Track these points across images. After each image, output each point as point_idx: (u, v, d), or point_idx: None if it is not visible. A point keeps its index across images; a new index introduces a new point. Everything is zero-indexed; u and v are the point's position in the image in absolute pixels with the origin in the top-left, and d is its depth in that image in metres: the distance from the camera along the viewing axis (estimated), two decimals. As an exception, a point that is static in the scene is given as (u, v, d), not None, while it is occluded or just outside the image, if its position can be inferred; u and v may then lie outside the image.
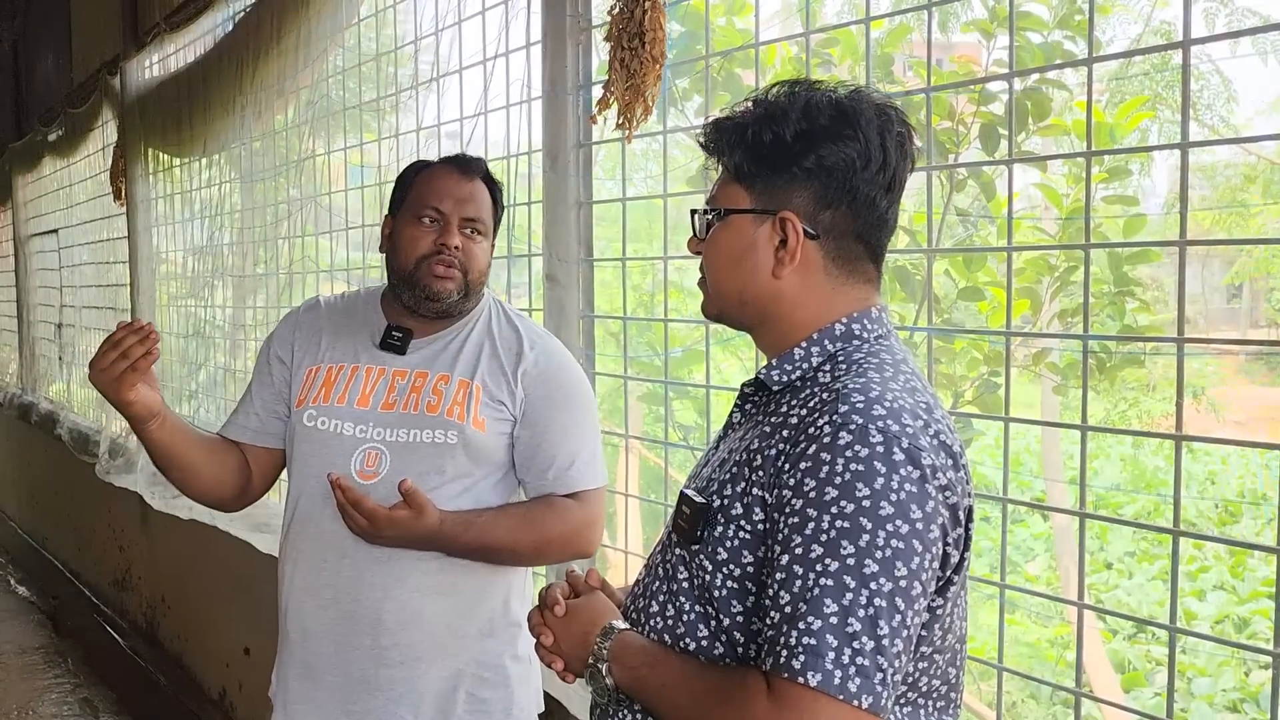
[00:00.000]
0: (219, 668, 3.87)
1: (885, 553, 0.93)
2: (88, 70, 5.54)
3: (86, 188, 5.80)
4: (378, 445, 1.69)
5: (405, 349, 1.72)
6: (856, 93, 1.09)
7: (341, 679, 1.70)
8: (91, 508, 5.39)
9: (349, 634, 1.69)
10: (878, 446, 0.96)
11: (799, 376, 1.10)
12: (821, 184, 1.07)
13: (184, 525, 3.94)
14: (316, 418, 1.71)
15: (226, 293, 4.33)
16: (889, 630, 0.92)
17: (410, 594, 1.67)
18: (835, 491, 0.96)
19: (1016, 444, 8.16)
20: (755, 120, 1.09)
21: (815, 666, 0.91)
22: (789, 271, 1.09)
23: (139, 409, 1.64)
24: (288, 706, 1.75)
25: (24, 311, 7.06)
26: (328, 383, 1.73)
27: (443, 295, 1.68)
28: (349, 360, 1.74)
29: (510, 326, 1.75)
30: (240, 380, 4.03)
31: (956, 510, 1.00)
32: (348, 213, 3.44)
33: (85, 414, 5.75)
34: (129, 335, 1.57)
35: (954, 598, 1.05)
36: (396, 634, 1.68)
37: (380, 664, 1.68)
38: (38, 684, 4.28)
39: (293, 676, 1.75)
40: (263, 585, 3.40)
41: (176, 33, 4.22)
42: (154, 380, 1.67)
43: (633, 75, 1.79)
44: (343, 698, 1.70)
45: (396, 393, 1.70)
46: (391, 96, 3.04)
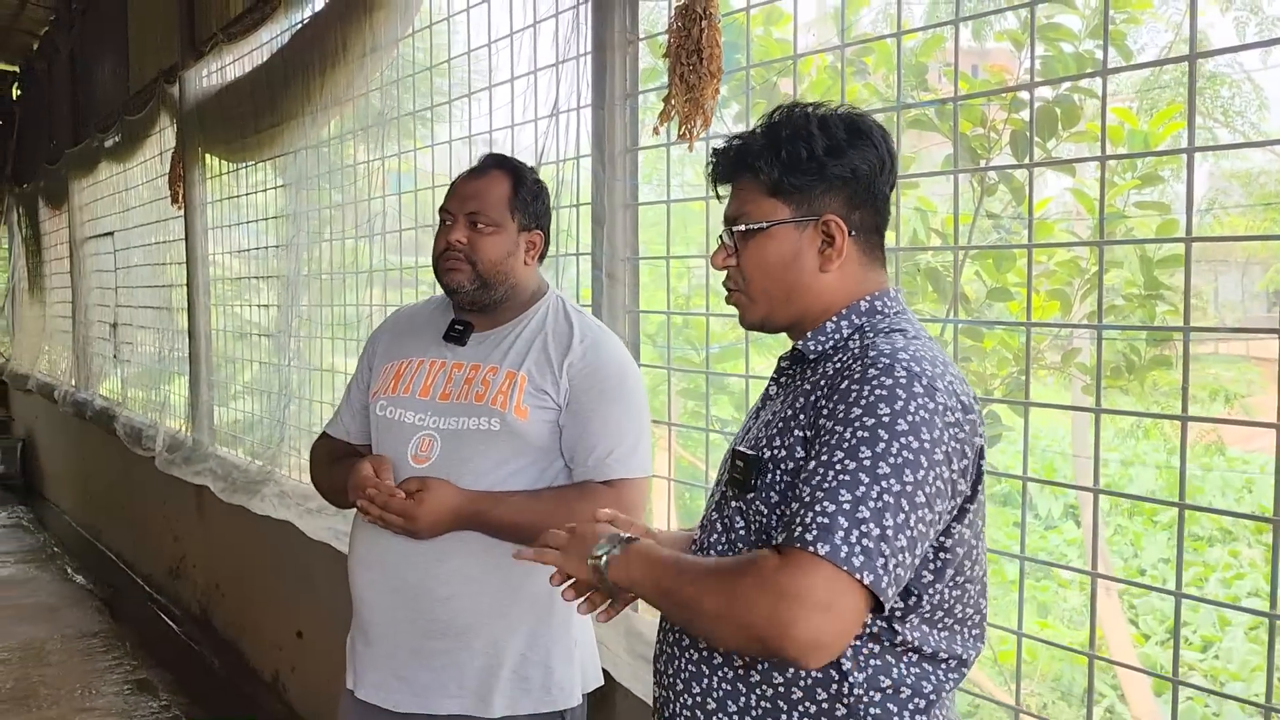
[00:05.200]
0: (272, 652, 4.02)
1: (897, 460, 1.08)
2: (145, 79, 5.74)
3: (142, 192, 6.00)
4: (431, 432, 1.82)
5: (465, 341, 1.85)
6: (852, 111, 1.26)
7: (392, 647, 1.84)
8: (146, 500, 5.58)
9: (396, 606, 1.83)
10: (901, 378, 1.12)
11: (831, 346, 1.25)
12: (851, 189, 1.23)
13: (239, 514, 4.10)
14: (386, 407, 1.87)
15: (271, 294, 4.50)
16: (894, 524, 1.06)
17: (453, 572, 1.79)
18: (860, 410, 1.11)
19: (1050, 450, 8.16)
20: (786, 139, 1.23)
21: (825, 540, 1.05)
22: (835, 266, 1.24)
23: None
24: (355, 665, 1.91)
25: (79, 311, 7.29)
26: (397, 375, 1.88)
27: (455, 288, 1.83)
28: (417, 355, 1.89)
29: (566, 321, 1.86)
30: (281, 378, 4.20)
31: (963, 445, 1.14)
32: (384, 218, 3.59)
33: (139, 410, 5.95)
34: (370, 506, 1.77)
35: (976, 531, 1.19)
36: (438, 609, 1.80)
37: (426, 636, 1.81)
38: (98, 665, 4.46)
39: (358, 639, 1.91)
40: (315, 570, 3.56)
41: (234, 43, 4.40)
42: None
43: (691, 89, 1.90)
44: (394, 664, 1.84)
45: (453, 384, 1.83)
46: (441, 106, 3.17)
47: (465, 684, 1.80)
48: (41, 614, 5.24)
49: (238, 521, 4.21)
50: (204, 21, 4.79)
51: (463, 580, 1.79)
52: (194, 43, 4.85)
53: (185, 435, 5.07)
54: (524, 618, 1.81)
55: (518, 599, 1.81)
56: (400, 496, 1.74)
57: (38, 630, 4.97)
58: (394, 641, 1.83)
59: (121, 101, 6.16)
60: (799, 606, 1.03)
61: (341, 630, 3.41)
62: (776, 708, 1.18)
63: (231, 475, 4.34)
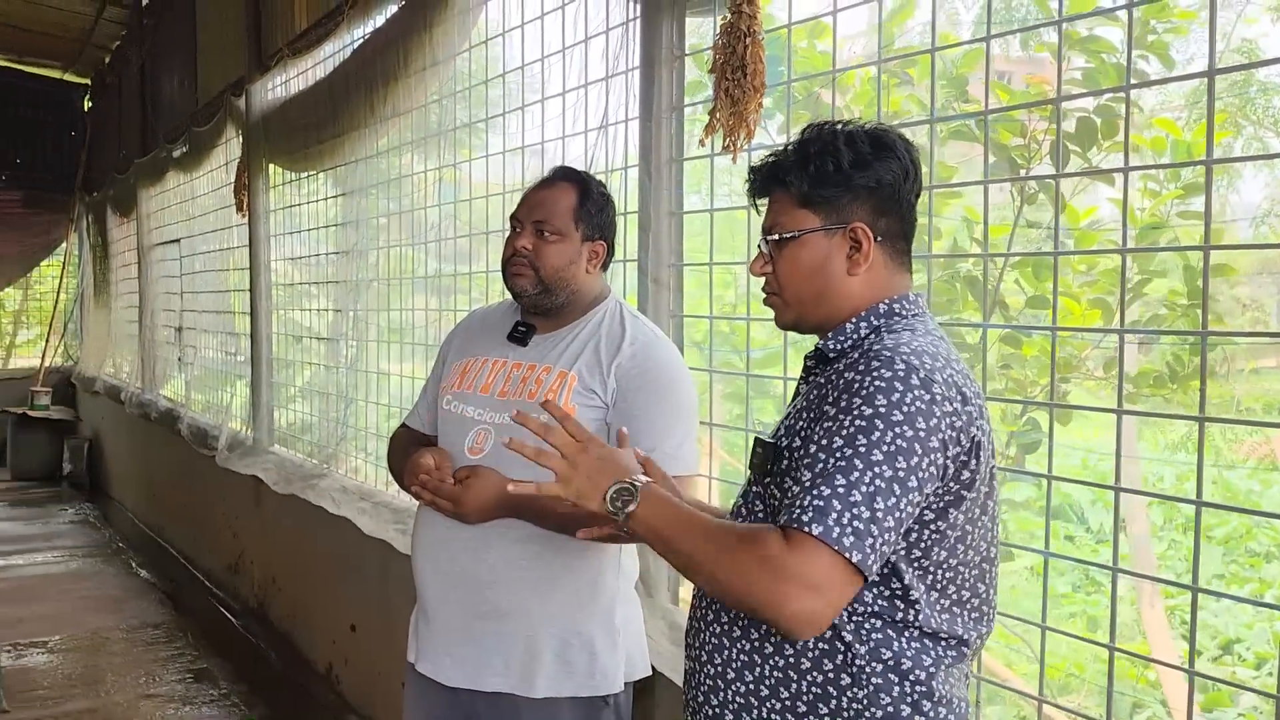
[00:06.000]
0: (326, 644, 4.16)
1: (890, 448, 1.17)
2: (212, 91, 5.96)
3: (207, 200, 6.21)
4: (487, 426, 1.93)
5: (526, 341, 1.97)
6: (878, 126, 1.35)
7: (445, 626, 1.95)
8: (207, 498, 5.77)
9: (448, 588, 1.94)
10: (899, 371, 1.20)
11: (850, 345, 1.33)
12: (876, 198, 1.32)
13: (295, 511, 4.25)
14: (451, 402, 2.00)
15: (328, 300, 4.65)
16: (884, 507, 1.15)
17: (499, 558, 1.89)
18: (859, 400, 1.20)
19: (1100, 465, 8.08)
20: (815, 153, 1.33)
21: (820, 522, 1.14)
22: (863, 270, 1.34)
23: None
24: (417, 640, 2.03)
25: (145, 316, 7.55)
26: (464, 372, 2.01)
27: (519, 292, 1.95)
28: (483, 354, 2.01)
29: (620, 325, 1.95)
30: (337, 380, 4.35)
31: (959, 433, 1.22)
32: (438, 226, 3.71)
33: (202, 412, 6.16)
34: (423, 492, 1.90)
35: (973, 518, 1.27)
36: (485, 591, 1.90)
37: (474, 617, 1.92)
38: (160, 655, 4.63)
39: (419, 617, 2.03)
40: (368, 566, 3.69)
41: (298, 58, 4.57)
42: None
43: (736, 103, 1.99)
44: (447, 642, 1.95)
45: (510, 382, 1.94)
46: (495, 118, 3.29)
47: (510, 664, 1.89)
48: (108, 605, 5.45)
49: (294, 518, 4.36)
50: (270, 36, 4.98)
51: (507, 565, 1.89)
52: (260, 57, 5.03)
53: (246, 434, 5.26)
54: (566, 604, 1.90)
55: (560, 585, 1.89)
56: (450, 483, 1.84)
57: (104, 620, 5.17)
58: (447, 621, 1.94)
59: (189, 113, 6.40)
60: (793, 585, 1.13)
61: (392, 625, 3.55)
62: (788, 676, 1.29)
63: (287, 470, 4.50)
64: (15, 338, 10.76)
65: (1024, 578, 4.83)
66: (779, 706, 1.29)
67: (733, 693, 1.33)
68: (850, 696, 1.26)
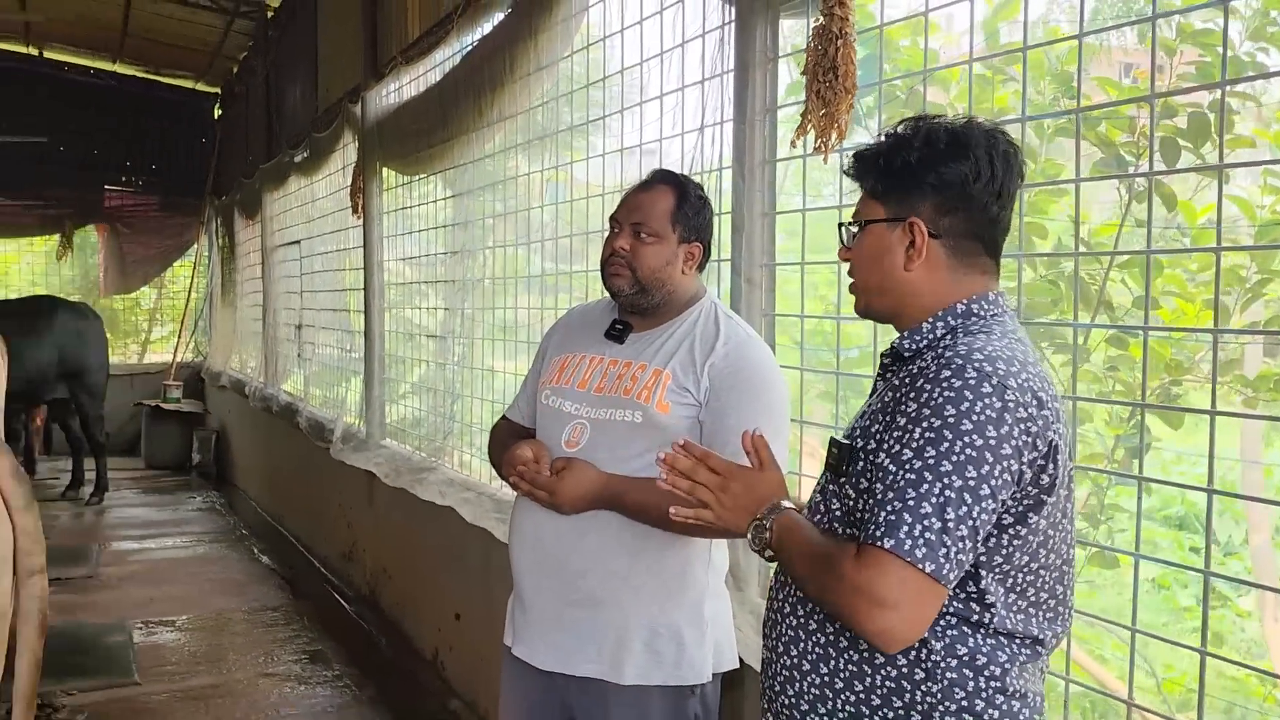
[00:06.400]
0: (432, 631, 4.31)
1: (960, 458, 1.18)
2: (331, 99, 6.21)
3: (325, 203, 6.48)
4: (583, 420, 1.99)
5: (623, 339, 2.03)
6: (969, 122, 1.35)
7: (539, 612, 2.02)
8: (324, 489, 6.02)
9: (543, 575, 2.01)
10: (970, 379, 1.21)
11: (925, 345, 1.34)
12: (941, 195, 1.33)
13: (405, 503, 4.41)
14: (550, 396, 2.07)
15: (438, 299, 4.81)
16: (955, 517, 1.17)
17: (591, 547, 1.95)
18: (929, 410, 1.21)
19: (1228, 474, 7.72)
20: (886, 149, 1.36)
21: (892, 535, 1.17)
22: (917, 265, 1.35)
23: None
24: (513, 625, 2.11)
25: (268, 314, 7.91)
26: (562, 368, 2.08)
27: (616, 291, 2.02)
28: (581, 350, 2.08)
29: (714, 325, 1.99)
30: (446, 377, 4.50)
31: (1035, 438, 1.22)
32: (544, 227, 3.81)
33: (319, 406, 6.43)
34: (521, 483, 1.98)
35: (1054, 522, 1.27)
36: (578, 580, 1.96)
37: (567, 604, 1.98)
38: (278, 636, 4.87)
39: (515, 602, 2.11)
40: (472, 556, 3.81)
41: (410, 65, 4.74)
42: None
43: (827, 104, 2.01)
44: (541, 627, 2.02)
45: (606, 378, 2.00)
46: (597, 120, 3.36)
47: (601, 651, 1.95)
48: (231, 588, 5.74)
49: (403, 510, 4.53)
50: (385, 46, 5.18)
51: (599, 555, 1.95)
52: (375, 65, 5.24)
53: (359, 428, 5.47)
54: (655, 595, 1.95)
55: (649, 577, 1.95)
56: (547, 474, 1.91)
57: (228, 602, 5.45)
58: (541, 607, 2.02)
59: (310, 120, 6.68)
60: (866, 602, 1.17)
61: (494, 613, 3.64)
62: (862, 670, 1.31)
63: (396, 463, 4.67)
64: (150, 334, 11.37)
65: (1145, 589, 4.68)
66: (853, 699, 1.31)
67: (808, 684, 1.36)
68: (925, 690, 1.27)
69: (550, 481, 1.92)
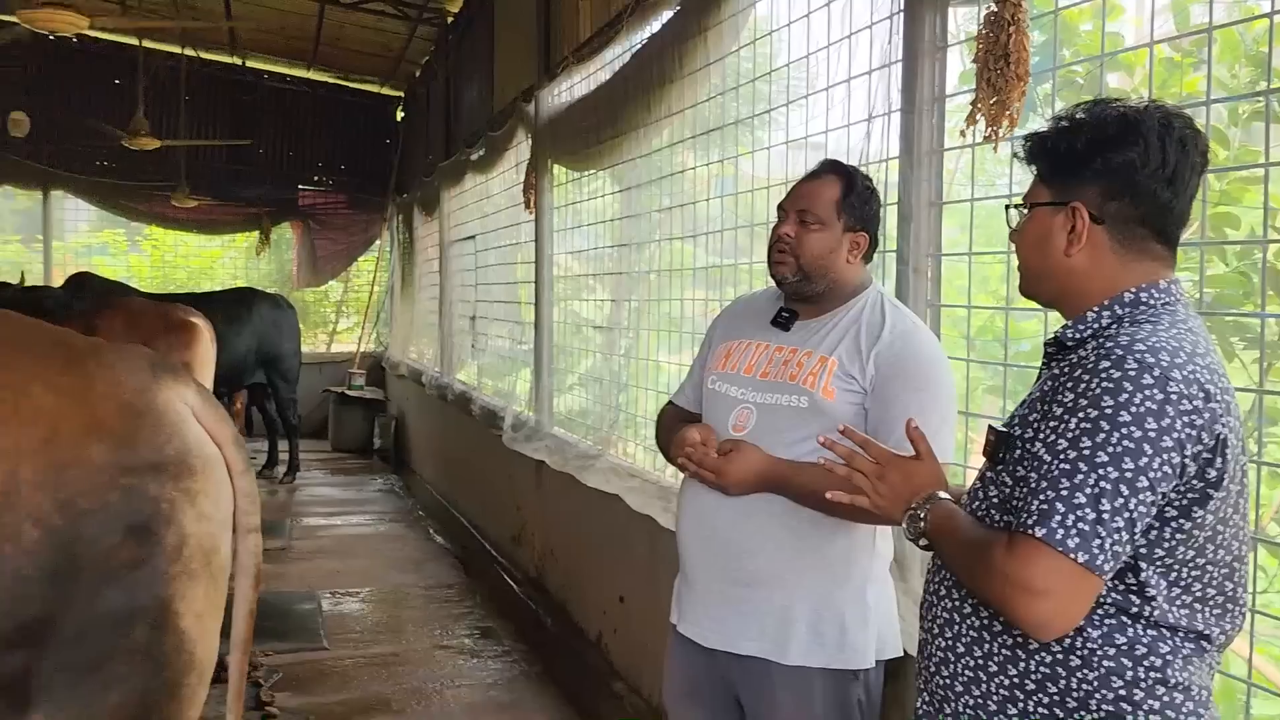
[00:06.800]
0: (597, 614, 4.44)
1: (1116, 449, 1.16)
2: (505, 99, 6.46)
3: (499, 199, 6.75)
4: (749, 405, 2.04)
5: (789, 327, 2.07)
6: (1145, 106, 1.31)
7: (704, 590, 2.08)
8: (495, 474, 6.27)
9: (708, 555, 2.07)
10: (1129, 371, 1.19)
11: (1090, 334, 1.33)
12: (1107, 181, 1.31)
13: (572, 489, 4.56)
14: (716, 382, 2.13)
15: (605, 292, 4.93)
16: (1110, 509, 1.16)
17: (757, 529, 1.99)
18: (1085, 401, 1.20)
19: None
20: (1055, 133, 1.35)
21: (1044, 525, 1.17)
22: (1078, 251, 1.33)
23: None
24: (679, 603, 2.17)
25: (444, 306, 8.29)
26: (728, 354, 2.14)
27: (780, 278, 2.05)
28: (747, 337, 2.13)
29: (880, 313, 2.01)
30: (613, 368, 4.61)
31: (1201, 432, 1.19)
32: (709, 220, 3.86)
33: (491, 394, 6.70)
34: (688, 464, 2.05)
35: (1223, 517, 1.24)
36: (743, 560, 2.01)
37: (731, 583, 2.03)
38: (452, 612, 5.13)
39: (681, 581, 2.18)
40: (637, 541, 3.91)
41: (581, 64, 4.89)
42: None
43: (998, 92, 1.98)
44: (706, 605, 2.08)
45: (772, 364, 2.04)
46: (763, 114, 3.39)
47: (765, 630, 1.99)
48: (409, 565, 6.08)
49: (570, 495, 4.68)
50: (557, 46, 5.35)
51: (763, 537, 1.99)
52: (548, 65, 5.42)
53: (529, 417, 5.68)
54: (818, 578, 1.97)
55: (813, 560, 1.97)
56: (714, 455, 1.97)
57: (406, 578, 5.78)
58: (706, 585, 2.08)
59: (485, 119, 6.97)
60: (1017, 591, 1.18)
61: (658, 598, 3.74)
62: (1015, 655, 1.32)
63: (565, 451, 4.83)
64: (337, 325, 12.08)
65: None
66: (1006, 683, 1.32)
67: (962, 666, 1.37)
68: (1080, 678, 1.26)
69: (717, 462, 1.97)
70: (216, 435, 1.77)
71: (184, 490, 1.67)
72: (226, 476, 1.76)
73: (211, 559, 1.72)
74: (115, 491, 1.60)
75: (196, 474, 1.70)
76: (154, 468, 1.64)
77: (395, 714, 3.87)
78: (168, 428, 1.68)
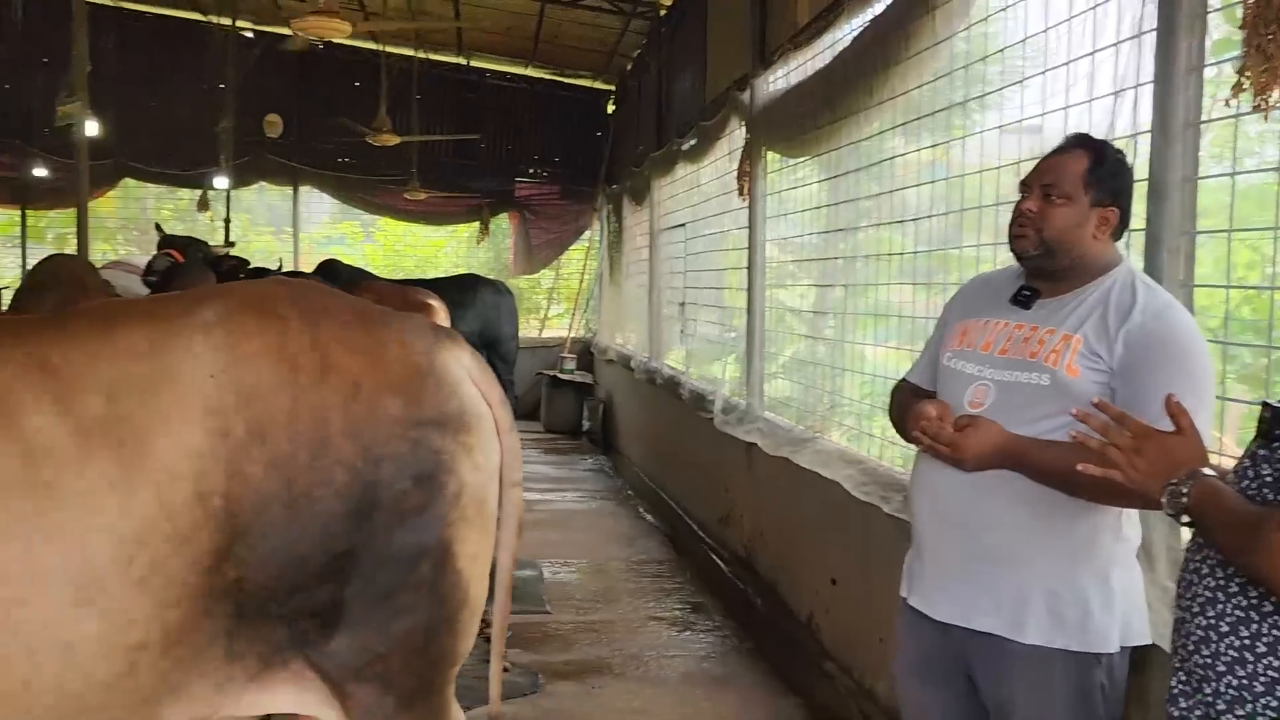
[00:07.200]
0: (809, 595, 4.48)
1: None
2: (718, 89, 6.56)
3: (709, 188, 6.86)
4: (987, 382, 2.04)
5: (1030, 305, 2.05)
6: None
7: (938, 564, 2.09)
8: (703, 456, 6.40)
9: (944, 528, 2.08)
10: None
11: None
12: None
13: (784, 472, 4.61)
14: (952, 359, 2.13)
15: (816, 277, 4.94)
16: None
17: (996, 505, 1.98)
18: None
19: None
20: None
21: None
22: None
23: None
24: (910, 577, 2.20)
25: (653, 293, 8.50)
26: (965, 332, 2.14)
27: (1020, 253, 2.02)
28: (985, 315, 2.12)
29: (1130, 292, 1.95)
30: (822, 354, 4.62)
31: None
32: (913, 206, 3.80)
33: (699, 379, 6.83)
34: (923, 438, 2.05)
35: None
36: (980, 535, 2.00)
37: (967, 558, 2.03)
38: (664, 586, 5.30)
39: (913, 556, 2.20)
40: (851, 524, 3.93)
41: (798, 51, 4.91)
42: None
43: (1269, 59, 1.87)
44: (940, 579, 2.09)
45: (1012, 342, 2.03)
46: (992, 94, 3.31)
47: (1000, 606, 1.98)
48: (620, 540, 6.31)
49: (781, 478, 4.73)
50: (773, 34, 5.39)
51: (1003, 513, 1.98)
52: (763, 53, 5.47)
53: (738, 401, 5.77)
54: (1058, 558, 1.95)
55: (1054, 539, 1.95)
56: (950, 430, 1.98)
57: (618, 552, 6.01)
58: (940, 560, 2.09)
59: (697, 109, 7.09)
60: None
61: (871, 582, 3.75)
62: None
63: (776, 434, 4.89)
64: (548, 312, 12.58)
65: None
66: (1276, 664, 1.28)
67: (1225, 645, 1.34)
68: None
69: (954, 437, 1.97)
70: (488, 395, 1.95)
71: (462, 444, 1.85)
72: (495, 433, 1.93)
73: (483, 507, 1.89)
74: (406, 443, 1.79)
75: (473, 429, 1.87)
76: (438, 422, 1.83)
77: (616, 676, 4.06)
78: (449, 386, 1.87)
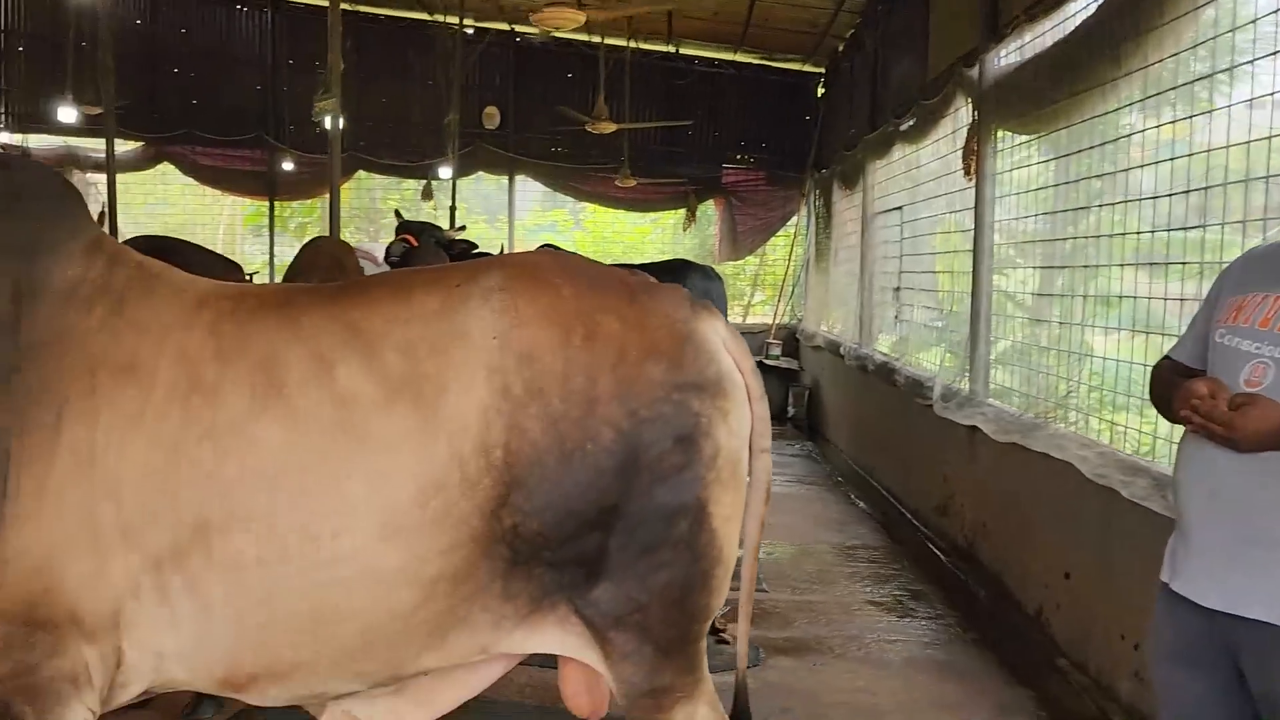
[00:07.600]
0: (1037, 588, 4.32)
1: None
2: (940, 66, 6.36)
3: (931, 168, 6.68)
4: (1266, 360, 1.92)
5: None
6: None
7: (1207, 548, 1.98)
8: (918, 444, 6.27)
9: (1214, 512, 1.96)
10: None
11: None
12: None
13: (1010, 459, 4.47)
14: (1225, 335, 2.02)
15: (1033, 260, 4.73)
16: None
17: (1272, 486, 1.86)
18: None
19: None
20: None
21: None
22: None
23: None
24: (1173, 561, 2.09)
25: (864, 278, 8.36)
26: (1239, 308, 2.02)
27: None
28: (1264, 289, 1.99)
29: None
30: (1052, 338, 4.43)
31: None
32: (1150, 185, 3.57)
33: (915, 365, 6.68)
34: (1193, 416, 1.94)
35: None
36: (1257, 519, 1.88)
37: (1241, 542, 1.91)
38: (879, 573, 5.24)
39: (1178, 540, 2.09)
40: (1088, 515, 3.76)
41: (1034, 23, 4.71)
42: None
43: None
44: (1208, 564, 1.98)
45: None
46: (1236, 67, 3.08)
47: (1275, 594, 1.87)
48: (831, 525, 6.27)
49: (1009, 466, 4.58)
50: (1006, 6, 5.19)
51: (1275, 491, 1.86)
52: (995, 27, 5.28)
53: (959, 386, 5.61)
54: None
55: None
56: (1224, 409, 1.87)
57: (830, 536, 5.98)
58: (1209, 544, 1.98)
59: (917, 88, 6.91)
60: None
61: (1111, 575, 3.59)
62: None
63: (1004, 420, 4.73)
64: (752, 298, 12.60)
65: None
66: None
67: None
68: None
69: (1229, 416, 1.87)
70: (741, 364, 2.00)
71: (719, 408, 1.92)
72: (747, 400, 1.98)
73: (736, 470, 1.95)
74: (668, 405, 1.87)
75: (728, 395, 1.94)
76: (697, 387, 1.90)
77: (836, 656, 4.06)
78: (707, 353, 1.94)
